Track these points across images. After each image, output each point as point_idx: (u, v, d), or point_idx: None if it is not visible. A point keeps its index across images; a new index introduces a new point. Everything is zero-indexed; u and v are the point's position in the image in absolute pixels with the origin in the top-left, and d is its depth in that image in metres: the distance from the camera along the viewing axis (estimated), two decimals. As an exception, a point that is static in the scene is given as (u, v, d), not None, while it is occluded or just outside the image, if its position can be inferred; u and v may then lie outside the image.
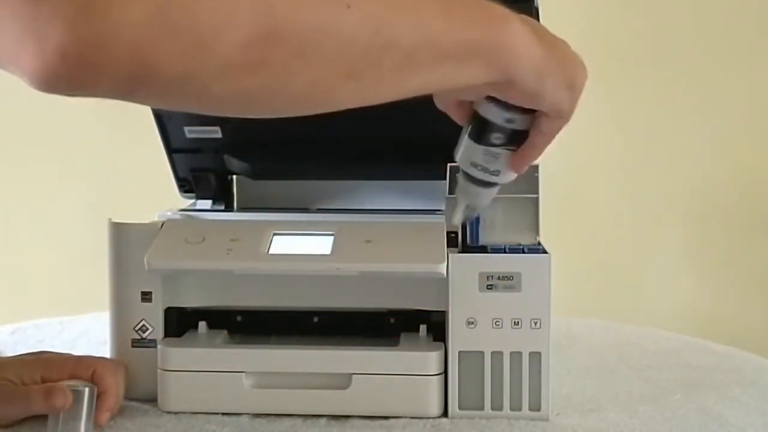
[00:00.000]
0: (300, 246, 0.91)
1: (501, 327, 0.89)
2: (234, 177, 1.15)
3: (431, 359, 0.89)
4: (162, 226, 0.94)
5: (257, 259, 0.89)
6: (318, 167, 1.12)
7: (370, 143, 1.08)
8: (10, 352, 1.10)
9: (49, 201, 1.90)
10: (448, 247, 0.90)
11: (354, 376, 0.89)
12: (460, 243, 0.91)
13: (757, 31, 1.96)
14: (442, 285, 0.89)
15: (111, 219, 0.94)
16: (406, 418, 0.89)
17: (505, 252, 0.89)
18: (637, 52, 1.93)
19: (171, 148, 1.12)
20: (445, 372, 0.90)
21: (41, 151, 1.88)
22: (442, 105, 0.81)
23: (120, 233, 0.93)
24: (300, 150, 1.11)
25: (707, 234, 2.03)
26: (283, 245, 0.91)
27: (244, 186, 1.15)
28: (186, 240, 0.91)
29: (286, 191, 1.14)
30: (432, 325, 0.94)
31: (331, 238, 0.91)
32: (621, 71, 1.91)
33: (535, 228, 0.94)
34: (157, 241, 0.91)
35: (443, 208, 0.94)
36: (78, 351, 1.13)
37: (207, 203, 1.15)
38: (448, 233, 0.92)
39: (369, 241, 0.91)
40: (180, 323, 0.95)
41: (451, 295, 0.89)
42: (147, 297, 0.93)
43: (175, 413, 0.90)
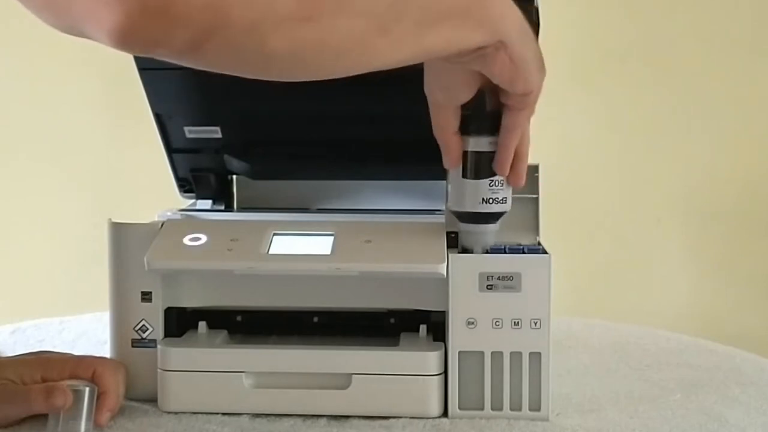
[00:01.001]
0: (300, 246, 0.91)
1: (501, 327, 0.89)
2: (234, 177, 1.15)
3: (431, 359, 0.89)
4: (162, 226, 0.94)
5: (257, 259, 0.89)
6: (318, 167, 1.12)
7: (370, 143, 1.08)
8: (10, 352, 1.10)
9: (49, 201, 1.90)
10: (448, 247, 0.90)
11: (354, 376, 0.89)
12: (460, 243, 0.92)
13: (759, 31, 1.96)
14: (442, 285, 0.89)
15: (111, 219, 0.94)
16: (406, 418, 0.89)
17: (505, 252, 0.90)
18: (638, 51, 1.93)
19: (171, 148, 1.12)
20: (445, 372, 0.89)
21: (41, 151, 1.88)
22: (440, 136, 0.88)
23: (120, 233, 0.93)
24: (300, 150, 1.11)
25: (707, 234, 2.03)
26: (283, 245, 0.91)
27: (244, 186, 1.15)
28: (186, 240, 0.92)
29: (286, 191, 1.14)
30: (432, 325, 0.94)
31: (331, 238, 0.91)
32: (621, 71, 1.91)
33: (535, 228, 0.95)
34: (157, 241, 0.91)
35: (443, 208, 0.94)
36: (78, 351, 1.13)
37: (207, 203, 1.14)
38: (448, 233, 0.92)
39: (369, 241, 0.91)
40: (180, 323, 0.95)
41: (451, 295, 0.89)
42: (147, 297, 0.93)
43: (175, 413, 0.90)
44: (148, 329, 0.93)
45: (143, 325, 0.93)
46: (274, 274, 0.91)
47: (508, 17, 0.77)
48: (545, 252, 0.90)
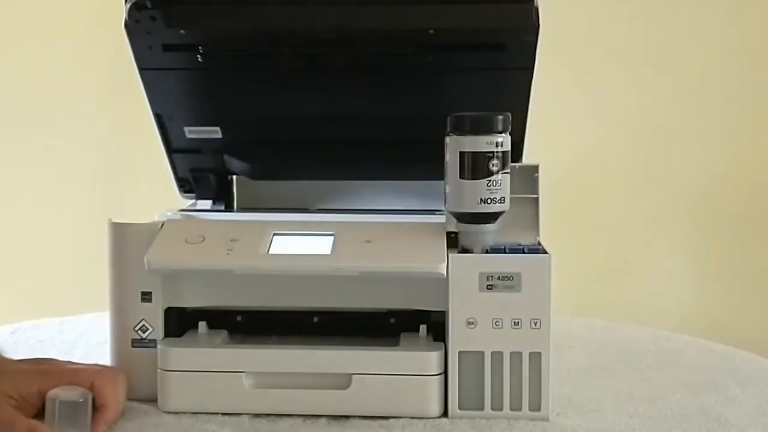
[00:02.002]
0: (300, 246, 0.91)
1: (501, 327, 0.89)
2: (234, 177, 1.15)
3: (431, 359, 0.89)
4: (162, 226, 0.94)
5: (257, 259, 0.89)
6: (318, 167, 1.12)
7: (370, 144, 1.08)
8: (10, 352, 1.10)
9: (49, 201, 1.90)
10: (448, 247, 0.90)
11: (354, 376, 0.89)
12: (459, 243, 0.92)
13: (760, 31, 1.96)
14: (442, 285, 0.89)
15: (111, 219, 0.94)
16: (406, 418, 0.89)
17: (505, 252, 0.90)
18: (638, 50, 1.93)
19: (171, 148, 1.12)
20: (445, 372, 0.89)
21: (41, 151, 1.88)
22: None
23: (120, 233, 0.93)
24: (300, 150, 1.11)
25: (707, 234, 2.03)
26: (283, 245, 0.91)
27: (244, 186, 1.15)
28: (186, 240, 0.92)
29: (286, 191, 1.14)
30: (432, 325, 0.94)
31: (331, 238, 0.91)
32: (621, 71, 1.91)
33: (535, 228, 0.95)
34: (157, 241, 0.91)
35: (443, 208, 0.94)
36: (78, 351, 1.13)
37: (207, 203, 1.14)
38: (448, 233, 0.92)
39: (369, 241, 0.91)
40: (180, 323, 0.95)
41: (451, 295, 0.89)
42: (147, 297, 0.93)
43: (175, 413, 0.90)
44: (148, 329, 0.93)
45: (143, 325, 0.93)
46: (274, 274, 0.91)
47: None
48: (545, 252, 0.90)
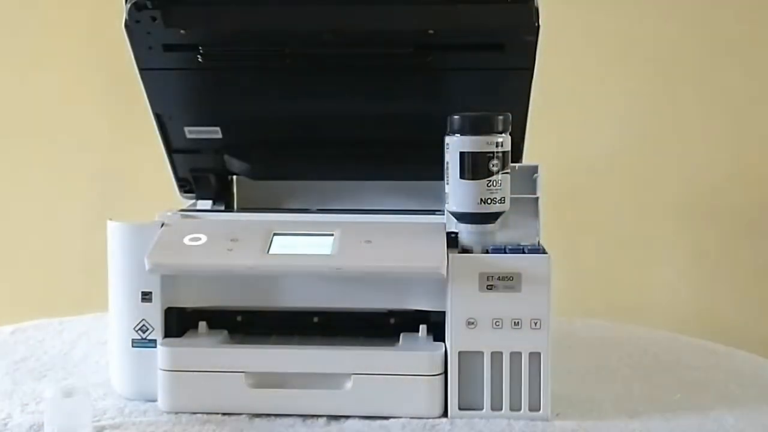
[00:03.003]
0: (300, 246, 0.91)
1: (501, 327, 0.89)
2: (234, 177, 1.15)
3: (431, 359, 0.89)
4: (162, 226, 0.94)
5: (257, 259, 0.89)
6: (318, 167, 1.12)
7: (370, 144, 1.08)
8: (10, 351, 1.10)
9: (49, 201, 1.90)
10: (448, 247, 0.90)
11: (353, 376, 0.89)
12: (459, 243, 0.92)
13: (760, 30, 1.96)
14: (442, 285, 0.89)
15: (111, 219, 0.94)
16: (405, 418, 0.89)
17: (505, 252, 0.90)
18: (638, 51, 1.92)
19: (171, 148, 1.12)
20: (445, 372, 0.90)
21: (41, 151, 1.87)
22: None
23: (120, 233, 0.93)
24: (300, 150, 1.11)
25: (707, 234, 2.03)
26: (284, 245, 0.91)
27: (244, 186, 1.15)
28: (186, 240, 0.92)
29: (286, 191, 1.14)
30: (432, 325, 0.94)
31: (332, 238, 0.91)
32: (621, 70, 1.91)
33: (535, 228, 0.95)
34: (157, 241, 0.91)
35: (443, 208, 0.94)
36: (78, 351, 1.14)
37: (207, 203, 1.14)
38: (448, 233, 0.92)
39: (369, 241, 0.91)
40: (180, 323, 0.95)
41: (451, 296, 0.89)
42: (147, 297, 0.93)
43: (175, 413, 0.90)
44: (148, 329, 0.93)
45: (143, 325, 0.93)
46: (274, 274, 0.92)
47: None
48: (545, 252, 0.90)
